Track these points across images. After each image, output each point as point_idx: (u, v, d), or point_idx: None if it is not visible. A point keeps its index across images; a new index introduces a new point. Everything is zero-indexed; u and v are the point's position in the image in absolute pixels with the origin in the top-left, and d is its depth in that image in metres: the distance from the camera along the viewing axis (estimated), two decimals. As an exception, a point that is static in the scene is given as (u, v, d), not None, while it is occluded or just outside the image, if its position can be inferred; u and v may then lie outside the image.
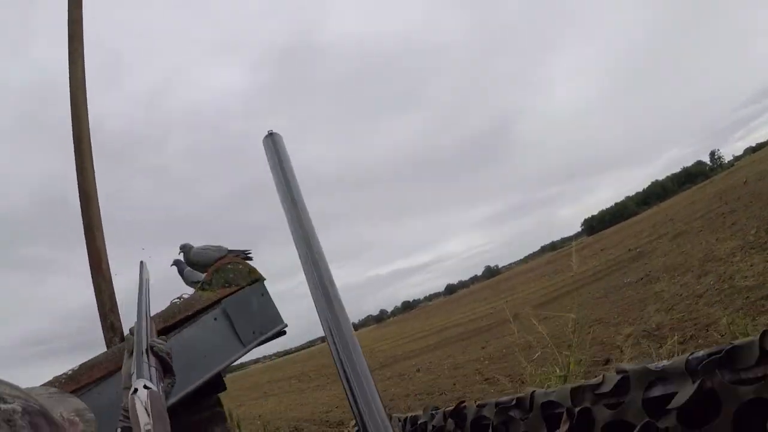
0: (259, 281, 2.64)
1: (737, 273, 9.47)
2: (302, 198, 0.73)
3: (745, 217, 16.38)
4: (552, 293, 20.94)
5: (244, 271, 2.64)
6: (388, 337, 35.63)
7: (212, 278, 2.59)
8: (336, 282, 0.73)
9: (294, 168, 0.84)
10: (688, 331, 7.48)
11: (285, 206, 0.74)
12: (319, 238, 0.77)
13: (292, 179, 0.79)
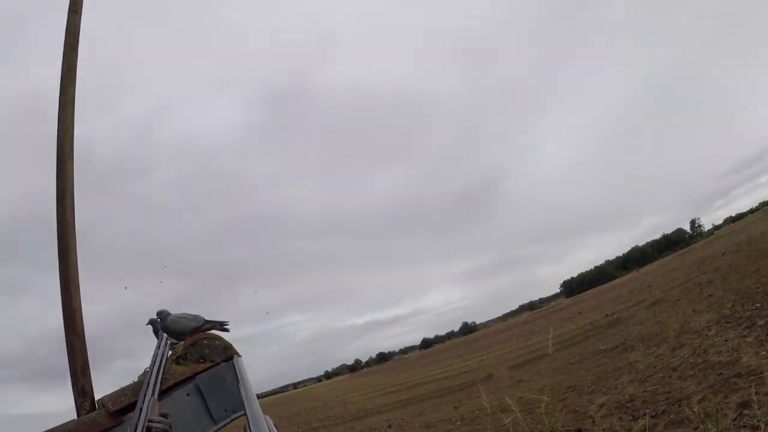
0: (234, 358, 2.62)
1: (711, 347, 9.52)
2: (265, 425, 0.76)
3: (722, 289, 16.58)
4: (528, 355, 20.90)
5: (219, 347, 2.62)
6: (361, 389, 35.19)
7: (187, 352, 2.57)
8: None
9: None
10: (661, 405, 7.46)
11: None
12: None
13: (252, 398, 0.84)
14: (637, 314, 20.83)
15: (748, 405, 5.75)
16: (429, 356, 60.84)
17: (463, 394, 15.64)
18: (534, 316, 70.00)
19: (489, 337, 54.12)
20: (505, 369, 18.63)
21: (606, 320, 23.23)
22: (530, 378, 14.73)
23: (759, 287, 13.48)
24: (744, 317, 10.84)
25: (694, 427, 5.76)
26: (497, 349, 31.07)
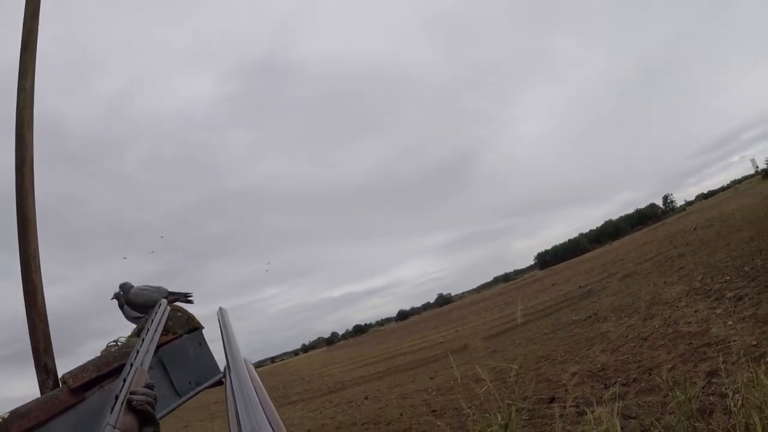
0: (198, 330, 2.57)
1: (682, 318, 9.75)
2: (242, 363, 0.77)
3: (693, 262, 16.92)
4: (502, 325, 21.16)
5: (182, 318, 2.56)
6: (338, 362, 35.39)
7: None
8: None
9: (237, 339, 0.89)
10: (632, 374, 7.65)
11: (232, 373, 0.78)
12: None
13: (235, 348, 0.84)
14: (610, 286, 21.16)
15: (716, 374, 5.92)
16: (405, 328, 61.27)
17: (438, 364, 15.83)
18: (508, 288, 70.74)
19: (464, 309, 54.57)
20: (480, 339, 18.85)
21: (579, 292, 23.55)
22: (504, 348, 14.94)
23: (729, 261, 13.77)
24: (713, 290, 11.09)
25: (664, 395, 5.93)
26: (472, 320, 31.40)
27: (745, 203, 34.24)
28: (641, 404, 6.21)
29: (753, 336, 6.99)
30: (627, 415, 5.78)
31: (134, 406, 1.19)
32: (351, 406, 13.51)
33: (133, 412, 1.18)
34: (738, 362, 5.52)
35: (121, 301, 2.78)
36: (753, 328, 7.36)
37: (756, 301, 8.77)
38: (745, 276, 11.05)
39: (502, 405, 4.30)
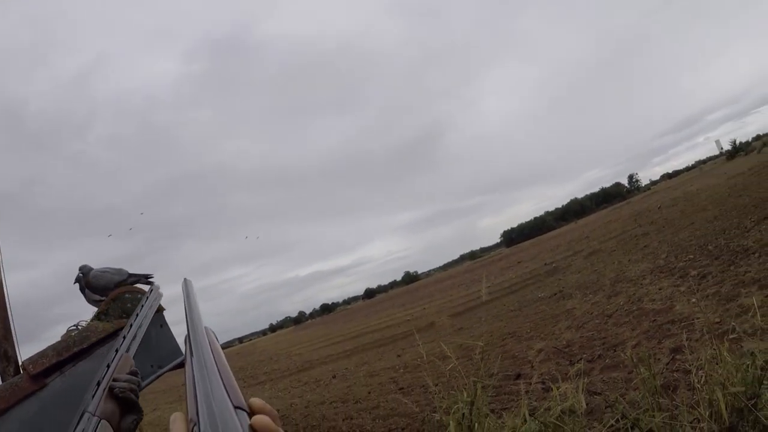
0: (159, 312, 2.53)
1: (646, 296, 9.91)
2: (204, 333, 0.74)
3: (657, 240, 17.22)
4: (468, 303, 21.34)
5: None
6: (306, 341, 35.39)
7: (109, 308, 2.47)
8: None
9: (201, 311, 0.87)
10: (597, 350, 7.75)
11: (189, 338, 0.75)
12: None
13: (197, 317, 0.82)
14: (575, 263, 21.46)
15: (680, 350, 6.03)
16: (372, 306, 61.49)
17: (405, 342, 15.91)
18: (475, 266, 71.36)
19: (431, 286, 54.94)
20: (447, 317, 18.99)
21: (544, 269, 23.84)
22: (471, 325, 15.06)
23: (693, 240, 14.03)
24: (678, 268, 11.29)
25: (629, 371, 6.02)
26: (439, 298, 31.61)
27: (710, 183, 34.91)
28: (606, 380, 6.30)
29: (716, 313, 7.13)
30: (592, 391, 5.85)
31: (116, 393, 1.15)
32: (319, 385, 13.52)
33: (115, 400, 1.15)
34: (701, 339, 5.63)
35: (82, 284, 2.71)
36: (716, 306, 7.51)
37: (719, 279, 8.95)
38: (708, 254, 11.27)
39: (468, 382, 4.31)
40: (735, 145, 66.11)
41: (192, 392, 0.57)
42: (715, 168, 64.40)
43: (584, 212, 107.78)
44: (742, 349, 4.21)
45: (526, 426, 4.44)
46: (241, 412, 0.53)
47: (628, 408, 4.33)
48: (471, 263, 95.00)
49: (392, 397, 9.02)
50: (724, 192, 23.65)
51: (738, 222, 13.70)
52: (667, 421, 3.52)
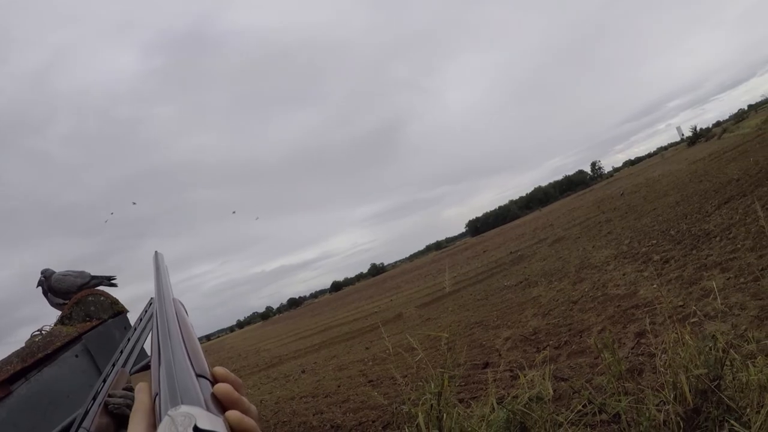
0: (122, 314, 2.49)
1: (610, 281, 10.09)
2: (171, 303, 0.74)
3: (621, 227, 17.53)
4: (435, 293, 21.45)
5: (106, 303, 2.48)
6: (274, 336, 35.20)
7: (72, 311, 2.43)
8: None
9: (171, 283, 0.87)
10: (563, 337, 7.87)
11: (157, 309, 0.74)
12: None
13: (166, 288, 0.82)
14: (540, 251, 21.72)
15: (644, 335, 6.16)
16: (339, 299, 61.46)
17: (373, 334, 15.93)
18: (441, 256, 71.78)
19: (397, 278, 55.10)
20: (414, 308, 19.06)
21: (510, 258, 24.08)
22: (438, 315, 15.15)
23: (655, 225, 14.33)
24: (641, 253, 11.52)
25: (595, 356, 6.12)
26: (406, 289, 31.73)
27: (671, 169, 35.69)
28: (573, 366, 6.41)
29: (679, 297, 7.30)
30: (559, 377, 5.95)
31: (110, 410, 1.15)
32: (288, 380, 13.47)
33: (110, 415, 1.14)
34: (665, 323, 5.74)
35: (44, 288, 2.67)
36: (679, 290, 7.68)
37: (682, 263, 9.15)
38: (671, 239, 11.52)
39: (435, 373, 4.34)
40: (695, 132, 67.66)
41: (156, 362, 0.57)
42: (676, 154, 65.82)
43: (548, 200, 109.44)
44: (704, 332, 4.31)
45: (495, 414, 4.49)
46: (203, 380, 0.53)
47: (594, 393, 4.41)
48: (437, 253, 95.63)
49: (362, 390, 9.05)
50: (686, 178, 24.18)
51: (699, 207, 14.02)
52: (633, 405, 3.59)
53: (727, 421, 3.03)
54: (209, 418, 0.45)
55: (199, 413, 0.45)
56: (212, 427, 0.44)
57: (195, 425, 0.43)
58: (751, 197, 11.78)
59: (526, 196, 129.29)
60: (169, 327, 0.64)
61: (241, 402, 0.53)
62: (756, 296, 6.02)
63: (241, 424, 0.48)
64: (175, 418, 0.43)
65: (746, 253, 8.00)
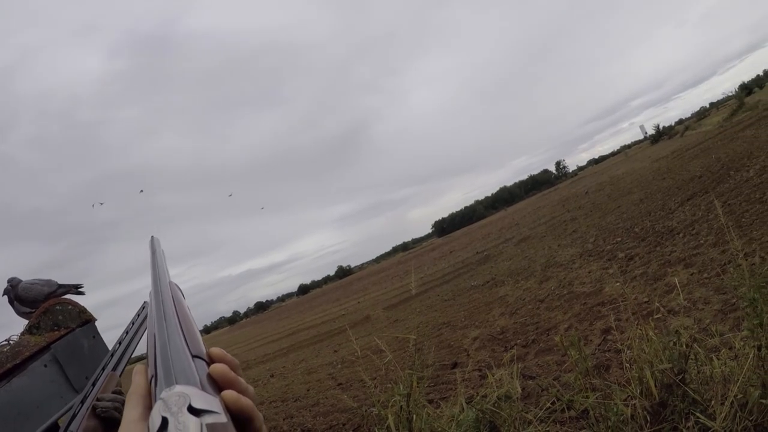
0: (91, 322, 2.46)
1: (576, 279, 10.23)
2: (167, 286, 0.74)
3: (586, 225, 17.79)
4: (403, 295, 21.48)
5: (73, 312, 2.45)
6: (242, 341, 34.92)
7: (40, 320, 2.39)
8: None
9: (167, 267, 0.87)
10: (530, 335, 7.95)
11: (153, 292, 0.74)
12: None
13: (162, 272, 0.81)
14: (506, 251, 21.92)
15: (610, 331, 6.26)
16: (307, 302, 61.19)
17: (341, 337, 15.90)
18: (407, 257, 71.92)
19: (365, 279, 55.10)
20: (382, 310, 19.07)
21: (477, 257, 24.24)
22: (406, 317, 15.18)
23: (620, 223, 14.58)
24: (606, 251, 11.70)
25: (562, 354, 6.20)
26: (373, 291, 31.74)
27: (635, 167, 36.33)
28: (541, 364, 6.48)
29: (644, 293, 7.44)
30: (527, 375, 6.01)
31: (98, 413, 1.14)
32: (257, 385, 13.37)
33: (98, 418, 1.13)
34: (630, 319, 5.85)
35: (10, 296, 2.63)
36: (644, 286, 7.83)
37: (646, 260, 9.32)
38: (635, 237, 11.73)
39: (404, 375, 4.36)
40: (658, 130, 68.91)
41: (152, 344, 0.57)
42: (639, 152, 67.00)
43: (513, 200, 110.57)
44: (668, 328, 4.40)
45: (464, 414, 4.52)
46: (199, 361, 0.53)
47: (562, 390, 4.47)
48: (404, 254, 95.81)
49: (331, 394, 9.02)
50: (649, 175, 24.63)
51: (663, 204, 14.31)
52: (601, 401, 3.64)
53: (692, 413, 3.10)
54: (204, 398, 0.45)
55: (193, 393, 0.44)
56: (207, 406, 0.44)
57: (190, 404, 0.42)
58: (713, 194, 12.06)
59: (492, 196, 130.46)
60: (164, 309, 0.64)
61: (238, 382, 0.52)
62: (719, 291, 6.16)
63: (237, 404, 0.48)
64: (169, 398, 0.43)
65: (709, 249, 8.19)
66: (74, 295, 2.64)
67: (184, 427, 0.40)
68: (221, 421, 0.43)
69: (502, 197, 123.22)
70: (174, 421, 0.41)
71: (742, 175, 12.73)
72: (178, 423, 0.40)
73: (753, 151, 15.47)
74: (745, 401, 2.98)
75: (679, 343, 3.48)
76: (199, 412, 0.42)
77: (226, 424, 0.44)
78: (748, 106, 38.98)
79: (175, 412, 0.41)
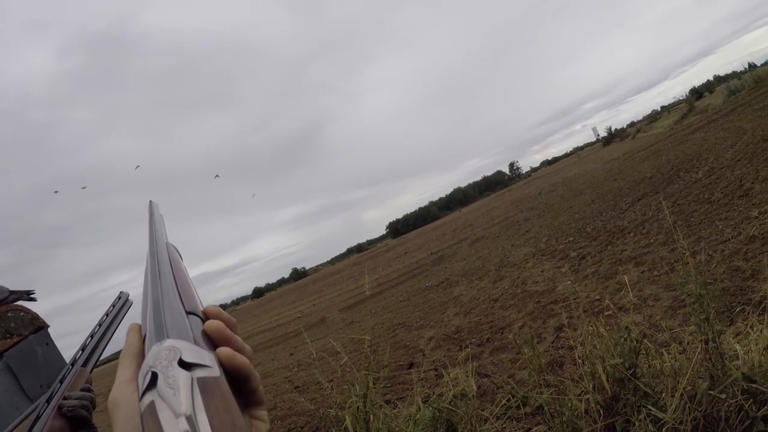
0: (44, 329, 2.40)
1: (529, 278, 10.39)
2: (165, 250, 0.73)
3: (539, 225, 18.10)
4: (358, 296, 21.48)
5: (26, 318, 2.37)
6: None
7: None
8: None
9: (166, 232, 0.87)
10: (485, 334, 8.04)
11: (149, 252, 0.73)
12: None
13: (160, 234, 0.80)
14: (460, 251, 22.12)
15: (563, 328, 6.38)
16: (262, 305, 60.62)
17: (297, 340, 15.81)
18: (362, 258, 71.93)
19: (320, 282, 54.87)
20: (337, 311, 19.04)
21: (431, 258, 24.40)
22: (361, 318, 15.17)
23: (572, 223, 14.88)
24: (558, 250, 11.92)
25: (516, 351, 6.29)
26: (328, 293, 31.64)
27: (587, 168, 37.12)
28: (496, 362, 6.57)
29: (596, 291, 7.61)
30: (482, 373, 6.08)
31: (64, 412, 1.10)
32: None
33: (64, 418, 1.10)
34: (582, 317, 5.98)
35: None
36: (596, 284, 8.00)
37: (597, 259, 9.53)
38: (587, 236, 11.98)
39: (360, 376, 4.37)
40: (611, 132, 70.47)
41: (146, 303, 0.56)
42: (592, 154, 68.48)
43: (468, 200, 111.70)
44: (619, 324, 4.51)
45: (421, 413, 4.56)
46: (193, 317, 0.52)
47: (516, 387, 4.55)
48: (358, 256, 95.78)
49: (288, 397, 8.97)
50: (601, 176, 25.19)
51: (614, 204, 14.66)
52: (555, 396, 3.72)
53: (644, 406, 3.19)
54: (196, 351, 0.43)
55: (185, 346, 0.43)
56: (199, 360, 0.42)
57: (180, 358, 0.41)
58: (663, 194, 12.40)
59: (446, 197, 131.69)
60: (159, 268, 0.63)
61: (234, 340, 0.51)
62: (669, 288, 6.34)
63: (233, 361, 0.46)
64: (160, 353, 0.42)
65: (659, 247, 8.42)
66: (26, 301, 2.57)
67: (173, 382, 0.38)
68: (214, 375, 0.42)
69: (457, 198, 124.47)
70: (163, 376, 0.39)
71: (691, 176, 13.13)
72: (167, 378, 0.39)
73: (702, 153, 15.96)
74: (694, 393, 3.09)
75: (629, 339, 3.58)
76: (190, 366, 0.41)
77: (219, 378, 0.42)
78: (698, 110, 40.20)
79: (165, 366, 0.40)
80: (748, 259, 6.27)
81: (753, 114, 19.23)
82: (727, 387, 3.04)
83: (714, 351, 3.19)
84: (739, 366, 3.21)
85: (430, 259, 24.19)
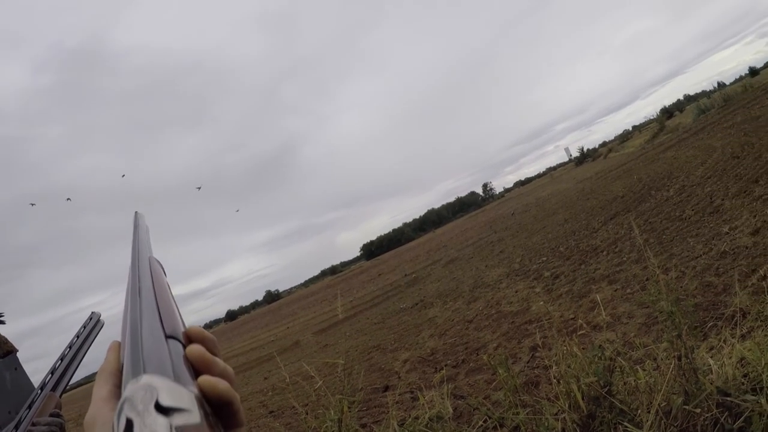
0: (12, 353, 2.33)
1: (504, 299, 10.42)
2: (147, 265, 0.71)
3: (512, 245, 18.20)
4: (332, 319, 21.35)
5: None
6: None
7: None
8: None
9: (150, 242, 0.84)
10: (460, 356, 8.03)
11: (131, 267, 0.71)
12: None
13: (144, 247, 0.78)
14: (434, 272, 22.14)
15: (537, 348, 6.39)
16: (235, 328, 59.95)
17: (271, 364, 15.64)
18: (336, 281, 71.57)
19: (293, 304, 54.48)
20: (311, 334, 18.92)
21: (405, 280, 24.36)
22: (336, 341, 15.08)
23: (545, 243, 14.99)
24: (532, 270, 11.99)
25: (492, 372, 6.29)
26: (302, 316, 31.41)
27: (560, 188, 37.52)
28: (471, 384, 6.55)
29: (570, 310, 7.66)
30: (458, 395, 6.06)
31: None
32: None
33: None
34: (556, 336, 6.01)
35: None
36: (570, 303, 8.06)
37: (571, 278, 9.60)
38: (560, 256, 12.08)
39: (335, 400, 4.33)
40: (583, 152, 71.45)
41: (124, 322, 0.54)
42: (565, 173, 69.30)
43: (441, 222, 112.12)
44: (593, 343, 4.53)
45: (396, 436, 4.52)
46: (173, 342, 0.49)
47: (492, 408, 4.54)
48: (332, 278, 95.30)
49: (263, 422, 8.85)
50: (574, 196, 25.48)
51: (587, 223, 14.82)
52: (532, 416, 3.72)
53: (620, 423, 3.20)
54: (174, 392, 0.40)
55: (163, 385, 0.40)
56: (178, 402, 0.39)
57: (157, 401, 0.38)
58: (634, 213, 12.57)
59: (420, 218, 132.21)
60: (140, 285, 0.60)
61: (215, 364, 0.49)
62: (642, 305, 6.40)
63: (214, 390, 0.44)
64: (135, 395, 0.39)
65: (631, 265, 8.52)
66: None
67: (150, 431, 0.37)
68: (193, 421, 0.39)
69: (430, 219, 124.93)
70: (140, 423, 0.37)
71: (662, 195, 13.35)
72: (144, 426, 0.37)
73: (673, 172, 16.26)
74: (669, 408, 3.11)
75: (603, 357, 3.60)
76: (168, 411, 0.38)
77: (199, 426, 0.39)
78: (669, 129, 41.09)
79: (141, 411, 0.37)
80: (720, 274, 6.37)
81: (722, 132, 19.66)
82: (702, 401, 3.07)
83: (687, 366, 3.22)
84: (713, 380, 3.24)
85: (404, 281, 24.16)
